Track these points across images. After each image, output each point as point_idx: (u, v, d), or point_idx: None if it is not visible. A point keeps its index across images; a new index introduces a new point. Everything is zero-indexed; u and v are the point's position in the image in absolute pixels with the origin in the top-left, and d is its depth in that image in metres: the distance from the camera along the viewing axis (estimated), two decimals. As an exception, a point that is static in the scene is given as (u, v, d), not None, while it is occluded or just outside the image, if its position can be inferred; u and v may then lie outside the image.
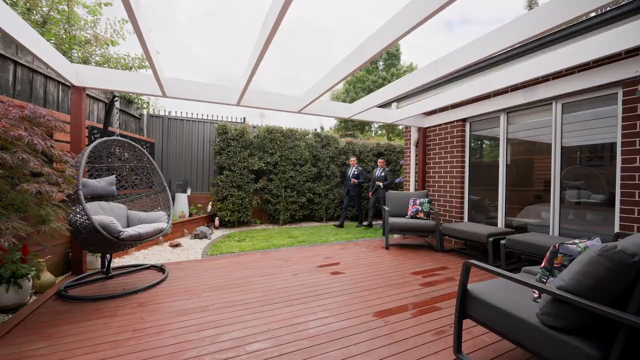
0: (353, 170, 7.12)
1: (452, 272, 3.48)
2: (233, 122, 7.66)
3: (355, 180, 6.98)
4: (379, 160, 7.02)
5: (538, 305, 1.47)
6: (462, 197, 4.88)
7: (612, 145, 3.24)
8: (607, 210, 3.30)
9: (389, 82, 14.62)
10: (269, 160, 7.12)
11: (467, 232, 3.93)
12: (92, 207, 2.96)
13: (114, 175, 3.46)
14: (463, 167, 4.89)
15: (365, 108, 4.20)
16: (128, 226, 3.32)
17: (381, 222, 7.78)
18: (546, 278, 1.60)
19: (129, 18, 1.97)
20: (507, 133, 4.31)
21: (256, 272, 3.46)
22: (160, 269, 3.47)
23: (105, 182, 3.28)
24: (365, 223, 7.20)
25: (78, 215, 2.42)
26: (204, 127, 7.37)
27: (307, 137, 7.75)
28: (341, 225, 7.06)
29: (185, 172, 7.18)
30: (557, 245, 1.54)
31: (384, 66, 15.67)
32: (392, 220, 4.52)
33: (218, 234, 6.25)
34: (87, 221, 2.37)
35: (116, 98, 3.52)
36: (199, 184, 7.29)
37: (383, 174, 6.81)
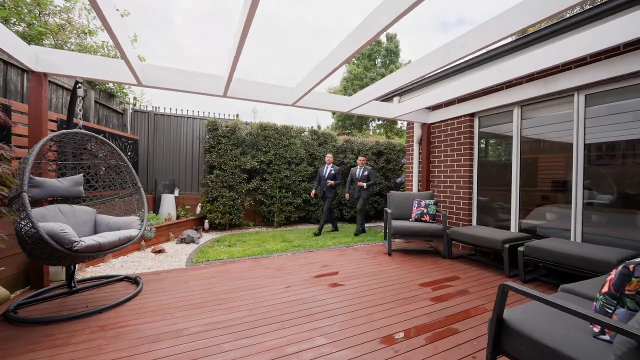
0: (329, 170, 6.14)
1: (465, 284, 3.10)
2: (224, 119, 7.23)
3: (332, 182, 6.07)
4: (359, 158, 6.23)
5: (611, 350, 1.08)
6: (470, 199, 4.51)
7: (645, 141, 2.89)
8: (634, 213, 2.94)
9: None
10: (262, 158, 6.70)
11: (479, 237, 3.56)
12: (48, 211, 2.53)
13: (82, 175, 3.03)
14: (471, 166, 4.52)
15: (366, 100, 3.81)
16: (95, 232, 2.89)
17: (374, 224, 7.45)
18: (612, 308, 1.22)
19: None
20: (521, 129, 3.95)
21: (244, 283, 3.06)
22: (135, 280, 3.05)
23: (69, 182, 2.84)
24: (351, 228, 6.61)
25: (22, 222, 1.99)
26: (194, 124, 6.93)
27: (303, 134, 7.35)
28: (319, 234, 6.05)
29: (174, 171, 6.74)
30: (631, 266, 1.16)
31: (382, 63, 15.30)
32: (395, 223, 4.14)
33: (207, 237, 5.82)
34: (32, 229, 1.95)
35: (79, 85, 3.09)
36: (188, 184, 6.86)
37: (366, 173, 6.05)
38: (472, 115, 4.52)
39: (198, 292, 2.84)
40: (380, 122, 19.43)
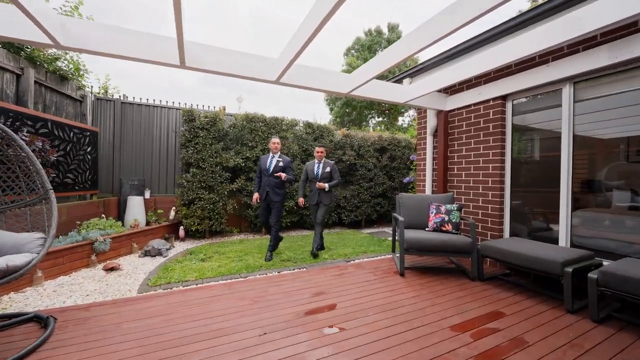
0: (275, 160, 4.27)
1: (515, 325, 2.19)
2: (205, 110, 6.29)
3: (284, 175, 4.15)
4: (317, 149, 4.52)
5: None
6: (502, 203, 3.60)
7: None
8: None
9: (392, 75, 13.32)
10: (248, 155, 5.78)
11: (526, 256, 2.65)
12: None
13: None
14: (503, 161, 3.62)
15: (373, 74, 2.90)
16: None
17: (376, 229, 6.52)
18: None
19: None
20: (574, 113, 3.04)
21: (203, 324, 2.14)
22: (45, 322, 2.12)
23: None
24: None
25: None
26: (169, 115, 6.00)
27: (296, 127, 6.44)
28: (270, 258, 4.14)
29: (145, 169, 5.79)
30: None
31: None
32: (409, 235, 3.23)
33: (180, 248, 4.89)
34: None
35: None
36: (162, 184, 5.92)
37: (328, 169, 4.43)
38: (504, 98, 3.62)
39: (131, 343, 1.92)
40: (380, 119, 18.57)
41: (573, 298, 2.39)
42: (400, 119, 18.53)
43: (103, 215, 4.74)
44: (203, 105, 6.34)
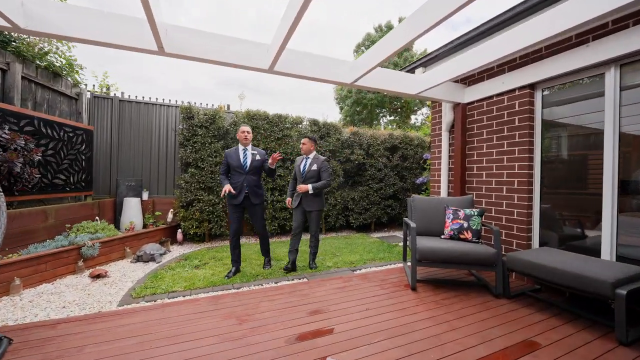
0: (248, 154, 3.51)
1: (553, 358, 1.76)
2: (204, 108, 6.03)
3: (277, 155, 3.38)
4: (304, 140, 3.64)
5: None
6: (530, 207, 3.14)
7: None
8: None
9: (401, 67, 12.83)
10: (249, 154, 5.47)
11: (565, 273, 2.20)
12: None
13: None
14: (531, 159, 3.16)
15: (380, 59, 2.52)
16: None
17: (387, 234, 6.08)
18: None
19: None
20: (620, 102, 2.57)
21: (179, 351, 1.81)
22: (-1, 345, 1.84)
23: None
24: (289, 265, 3.67)
25: None
26: (168, 113, 5.77)
27: (300, 125, 6.09)
28: (269, 265, 3.79)
29: (144, 170, 5.58)
30: None
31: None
32: (422, 243, 2.82)
33: (176, 253, 4.63)
34: None
35: None
36: (160, 185, 5.69)
37: (315, 167, 3.59)
38: (532, 87, 3.16)
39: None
40: (392, 117, 18.03)
41: (627, 326, 1.94)
42: (413, 117, 17.93)
43: (97, 217, 4.53)
44: (213, 105, 6.10)
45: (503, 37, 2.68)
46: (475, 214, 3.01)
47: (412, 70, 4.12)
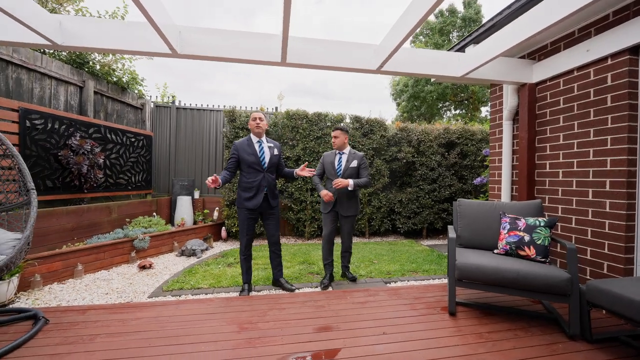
0: (266, 147, 2.92)
1: None
2: (246, 110, 6.24)
3: (306, 171, 2.95)
4: (335, 132, 3.14)
5: None
6: (630, 219, 2.27)
7: None
8: None
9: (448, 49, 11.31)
10: (288, 154, 5.44)
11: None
12: None
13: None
14: (632, 152, 2.28)
15: (408, 30, 2.10)
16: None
17: (440, 242, 5.22)
18: None
19: None
20: None
21: (177, 352, 1.76)
22: (35, 323, 2.08)
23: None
24: (325, 281, 3.18)
25: None
26: (217, 117, 6.15)
27: (342, 123, 5.81)
28: (251, 289, 2.99)
29: (197, 170, 6.06)
30: None
31: (459, 37, 12.44)
32: (467, 259, 2.27)
33: (218, 249, 4.85)
34: None
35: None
36: (210, 185, 6.09)
37: (354, 163, 3.13)
38: (636, 50, 2.28)
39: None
40: (457, 111, 16.25)
41: None
42: (483, 109, 15.82)
43: (155, 214, 5.05)
44: (267, 108, 6.33)
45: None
46: (542, 224, 2.31)
47: (462, 50, 3.46)
